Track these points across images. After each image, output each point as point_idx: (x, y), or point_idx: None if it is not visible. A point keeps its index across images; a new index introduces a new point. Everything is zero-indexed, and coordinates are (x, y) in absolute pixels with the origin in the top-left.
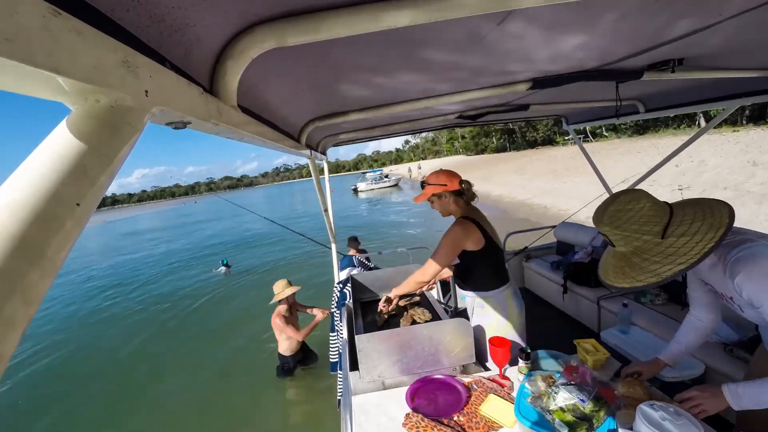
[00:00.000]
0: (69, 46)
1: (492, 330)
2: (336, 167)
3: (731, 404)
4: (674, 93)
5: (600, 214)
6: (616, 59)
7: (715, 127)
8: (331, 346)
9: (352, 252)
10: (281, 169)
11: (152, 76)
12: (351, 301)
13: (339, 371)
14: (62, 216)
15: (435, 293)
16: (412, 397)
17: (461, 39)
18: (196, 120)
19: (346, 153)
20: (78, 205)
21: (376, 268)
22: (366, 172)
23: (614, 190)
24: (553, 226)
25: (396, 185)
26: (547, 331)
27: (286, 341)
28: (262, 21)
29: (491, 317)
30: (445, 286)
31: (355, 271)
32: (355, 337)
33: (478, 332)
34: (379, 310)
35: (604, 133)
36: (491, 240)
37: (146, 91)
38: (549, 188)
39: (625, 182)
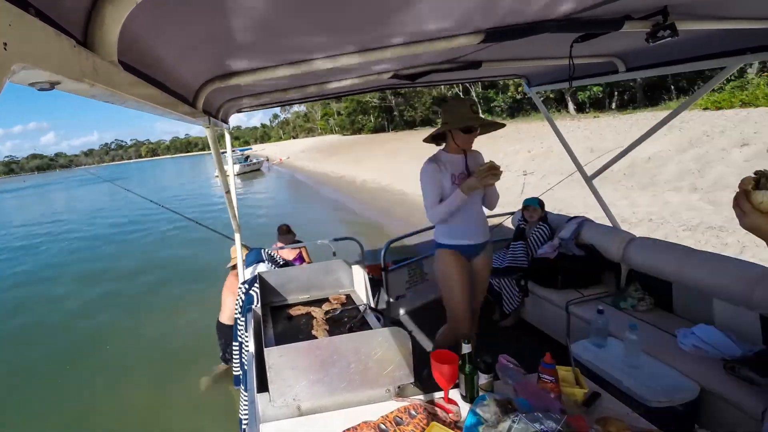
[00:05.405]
0: None
1: None
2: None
3: None
4: (662, 48)
5: None
6: (589, 5)
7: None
8: (234, 358)
9: (280, 245)
10: (112, 146)
11: (12, 24)
12: (259, 305)
13: (244, 390)
14: None
15: (363, 295)
16: None
17: None
18: (67, 80)
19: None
20: None
21: (289, 264)
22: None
23: None
24: (512, 213)
25: (258, 170)
26: (499, 346)
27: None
28: None
29: None
30: (374, 285)
31: (263, 268)
32: (264, 350)
33: None
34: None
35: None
36: None
37: (5, 44)
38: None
39: None
